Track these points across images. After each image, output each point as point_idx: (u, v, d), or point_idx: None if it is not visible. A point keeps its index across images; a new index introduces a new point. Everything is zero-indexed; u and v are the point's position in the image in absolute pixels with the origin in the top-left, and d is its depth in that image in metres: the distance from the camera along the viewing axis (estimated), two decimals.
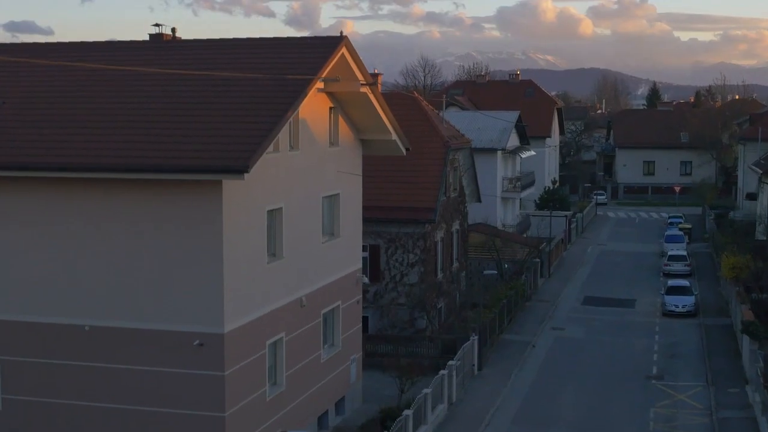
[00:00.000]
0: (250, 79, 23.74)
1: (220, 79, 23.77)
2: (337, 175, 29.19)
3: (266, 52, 26.03)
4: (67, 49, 28.03)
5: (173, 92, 23.61)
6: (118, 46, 27.82)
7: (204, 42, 27.40)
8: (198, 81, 23.91)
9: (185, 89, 23.59)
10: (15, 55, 27.66)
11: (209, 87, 23.34)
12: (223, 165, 20.76)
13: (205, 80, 23.91)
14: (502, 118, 57.06)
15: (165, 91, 23.71)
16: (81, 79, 25.51)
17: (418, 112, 43.68)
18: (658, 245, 69.85)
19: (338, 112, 29.03)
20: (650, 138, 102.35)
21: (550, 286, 53.74)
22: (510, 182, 58.09)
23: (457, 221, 45.70)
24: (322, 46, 25.93)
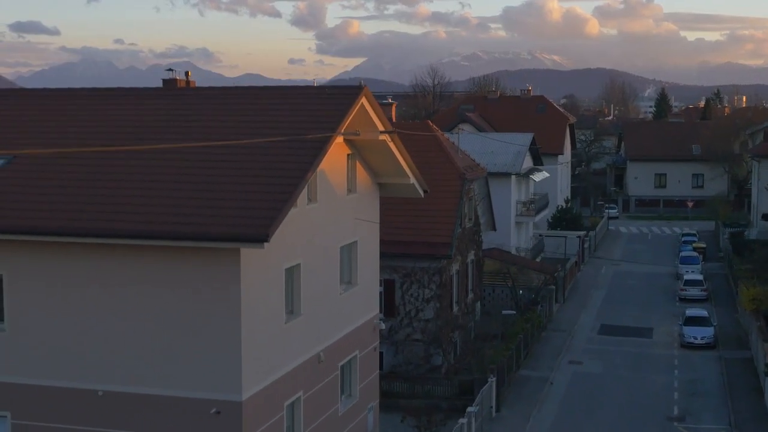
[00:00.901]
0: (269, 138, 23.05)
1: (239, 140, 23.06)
2: (354, 222, 28.54)
3: (285, 103, 25.34)
4: (84, 97, 27.35)
5: (189, 153, 22.87)
6: (133, 94, 27.13)
7: (220, 90, 26.73)
8: (215, 140, 23.22)
9: (202, 151, 22.86)
10: (27, 101, 27.10)
11: (227, 148, 22.62)
12: (242, 233, 20.11)
13: (222, 138, 23.22)
14: (516, 141, 56.38)
15: (182, 155, 22.96)
16: (95, 133, 24.87)
17: (433, 142, 43.00)
18: (672, 265, 69.19)
19: (356, 158, 28.37)
20: (662, 150, 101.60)
21: (566, 313, 53.01)
22: (524, 206, 57.41)
23: (472, 251, 45.02)
24: (341, 96, 25.27)
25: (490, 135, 59.08)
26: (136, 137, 24.49)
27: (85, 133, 25.28)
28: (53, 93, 28.00)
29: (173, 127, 24.76)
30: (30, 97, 27.90)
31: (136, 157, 23.02)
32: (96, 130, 25.44)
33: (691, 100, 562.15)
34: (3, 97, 27.98)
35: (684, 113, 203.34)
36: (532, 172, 59.33)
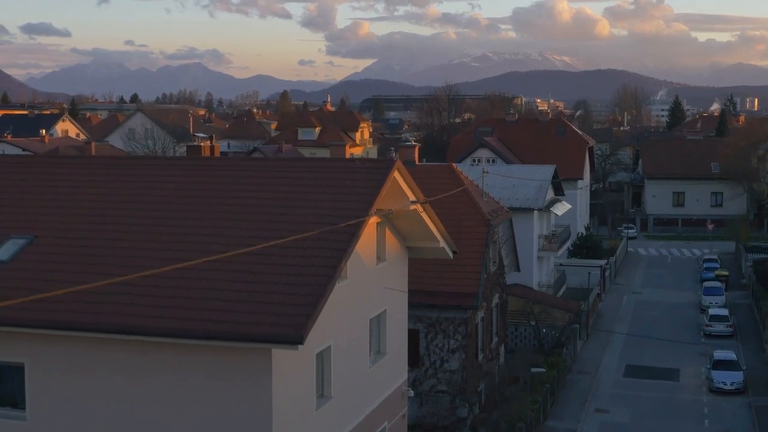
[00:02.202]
0: (299, 223, 22.25)
1: (268, 223, 22.25)
2: (383, 291, 27.74)
3: (317, 177, 24.51)
4: (102, 166, 26.61)
5: (220, 244, 22.06)
6: (155, 164, 26.37)
7: (247, 163, 25.94)
8: (243, 229, 22.41)
9: (228, 241, 22.05)
10: (49, 167, 26.38)
11: (255, 243, 21.79)
12: (275, 335, 19.32)
13: (250, 225, 22.43)
14: (538, 175, 55.48)
15: (212, 244, 22.15)
16: (117, 212, 24.10)
17: (456, 186, 42.09)
18: (694, 293, 68.28)
19: (385, 225, 27.57)
20: (680, 168, 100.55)
21: (590, 351, 52.08)
22: (546, 240, 56.51)
23: (496, 294, 44.16)
24: (373, 170, 24.47)
25: (512, 169, 58.13)
26: (166, 215, 23.71)
27: (111, 206, 24.50)
28: (74, 161, 27.28)
29: (203, 204, 23.96)
30: (50, 163, 27.16)
31: (166, 247, 22.22)
32: (122, 201, 24.67)
33: (703, 102, 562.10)
34: (26, 164, 27.24)
35: (698, 122, 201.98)
36: (554, 203, 58.44)
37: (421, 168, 43.10)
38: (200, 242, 22.46)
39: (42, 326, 20.82)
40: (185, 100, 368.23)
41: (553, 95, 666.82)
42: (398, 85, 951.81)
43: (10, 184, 26.18)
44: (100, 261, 22.36)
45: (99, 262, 22.34)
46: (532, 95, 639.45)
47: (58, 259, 22.63)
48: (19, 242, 23.21)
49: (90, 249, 22.83)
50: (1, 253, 22.84)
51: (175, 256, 21.98)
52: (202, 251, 21.96)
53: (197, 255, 21.81)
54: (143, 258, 22.15)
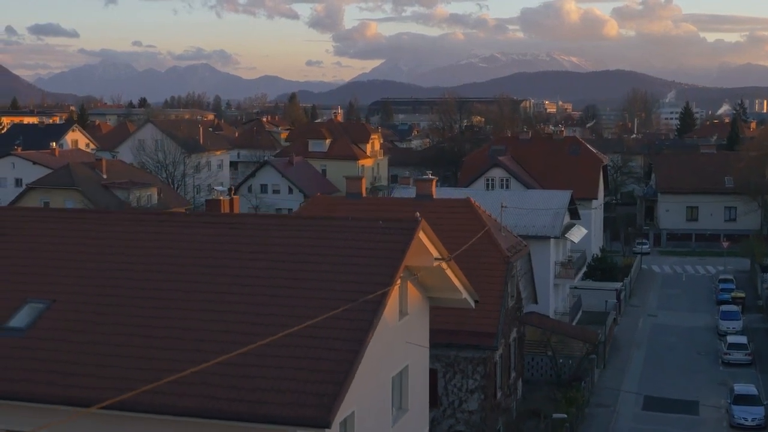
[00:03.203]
0: (322, 290, 21.74)
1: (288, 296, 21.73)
2: (405, 345, 27.20)
3: (338, 239, 23.99)
4: (119, 221, 26.08)
5: (235, 318, 21.55)
6: (173, 220, 25.85)
7: (266, 221, 25.42)
8: (262, 296, 21.88)
9: (248, 309, 21.53)
10: (67, 223, 25.89)
11: (277, 312, 21.29)
12: (301, 417, 18.81)
13: (270, 292, 21.91)
14: (554, 202, 54.86)
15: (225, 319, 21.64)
16: (135, 274, 23.59)
17: (475, 222, 41.56)
18: (710, 315, 67.71)
19: (407, 279, 27.02)
20: (693, 183, 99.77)
21: (607, 381, 51.43)
22: (563, 267, 55.93)
23: (514, 329, 43.61)
24: (397, 231, 23.92)
25: (528, 195, 57.52)
26: (185, 278, 23.21)
27: (129, 267, 24.01)
28: (89, 215, 26.80)
29: (223, 267, 23.46)
30: (64, 218, 26.66)
31: (186, 316, 21.72)
32: (140, 262, 24.18)
33: (712, 104, 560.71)
34: (39, 217, 26.76)
35: (709, 129, 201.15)
36: (570, 228, 57.81)
37: (438, 203, 42.61)
38: (220, 311, 21.92)
39: (55, 402, 20.29)
40: (194, 103, 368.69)
41: (561, 96, 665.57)
42: (406, 86, 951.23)
43: (24, 239, 25.72)
44: (118, 331, 21.87)
45: (118, 332, 21.85)
46: (540, 96, 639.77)
47: (77, 327, 22.15)
48: (37, 307, 22.74)
49: (108, 316, 22.35)
50: (19, 321, 22.37)
51: (196, 326, 21.51)
52: (222, 323, 21.46)
53: (217, 326, 21.34)
54: (163, 329, 21.68)
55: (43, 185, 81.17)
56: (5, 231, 26.06)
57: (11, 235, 25.94)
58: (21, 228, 26.26)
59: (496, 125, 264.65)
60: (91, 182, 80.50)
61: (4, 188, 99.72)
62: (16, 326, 22.28)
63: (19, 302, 23.11)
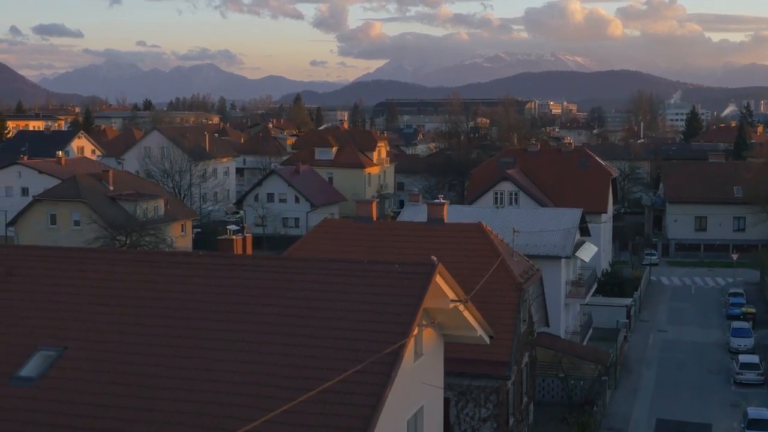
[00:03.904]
0: (337, 338, 21.36)
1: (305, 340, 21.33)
2: (421, 386, 26.80)
3: (352, 284, 23.59)
4: (130, 262, 25.70)
5: (251, 370, 21.17)
6: (186, 262, 25.45)
7: (280, 264, 25.01)
8: (276, 344, 21.50)
9: (263, 359, 21.14)
10: (72, 263, 25.51)
11: (293, 362, 20.90)
12: None
13: (284, 340, 21.52)
14: (564, 222, 54.33)
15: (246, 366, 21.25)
16: (148, 319, 23.22)
17: (487, 247, 41.17)
18: (720, 330, 67.27)
19: (423, 328, 26.61)
20: (702, 192, 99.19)
21: (619, 403, 50.95)
22: (574, 286, 55.47)
23: (526, 354, 43.20)
24: (413, 276, 23.52)
25: (538, 214, 57.01)
26: (196, 324, 22.84)
27: (141, 311, 23.65)
28: (100, 255, 26.40)
29: (236, 314, 23.09)
30: (75, 258, 26.24)
31: (199, 366, 21.32)
32: (152, 306, 23.82)
33: (717, 104, 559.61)
34: (48, 257, 26.34)
35: (714, 132, 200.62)
36: (580, 246, 57.29)
37: (450, 227, 42.22)
38: (234, 360, 21.55)
39: None
40: (198, 105, 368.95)
41: (566, 96, 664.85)
42: (410, 86, 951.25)
43: (34, 280, 25.37)
44: (130, 381, 21.49)
45: (129, 382, 21.48)
46: (545, 96, 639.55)
47: (89, 377, 21.79)
48: (49, 355, 22.37)
49: (121, 365, 21.98)
50: (30, 370, 22.00)
51: (210, 377, 21.12)
52: (238, 374, 21.07)
53: (233, 378, 20.95)
54: (176, 380, 21.32)
55: (50, 197, 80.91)
56: (15, 271, 25.70)
57: (21, 275, 25.58)
58: (30, 267, 25.90)
59: (501, 127, 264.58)
60: (97, 194, 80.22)
61: (10, 197, 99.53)
62: (27, 375, 21.93)
63: (29, 349, 22.77)
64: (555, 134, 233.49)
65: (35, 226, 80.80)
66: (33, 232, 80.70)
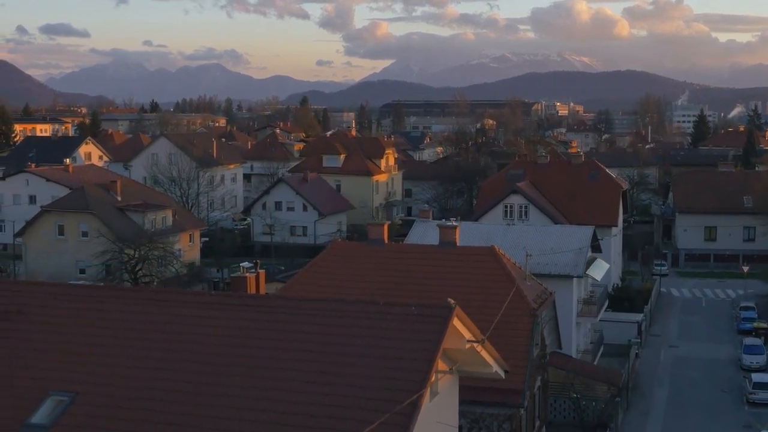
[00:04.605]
0: (351, 386, 21.03)
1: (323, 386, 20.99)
2: (436, 426, 26.42)
3: (367, 327, 23.24)
4: (142, 301, 25.33)
5: (266, 419, 20.84)
6: (198, 302, 25.06)
7: (294, 304, 24.63)
8: (289, 392, 21.15)
9: (275, 407, 20.81)
10: (85, 302, 25.19)
11: (308, 411, 20.55)
12: None
13: (297, 387, 21.18)
14: (576, 240, 53.85)
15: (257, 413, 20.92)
16: (160, 362, 22.89)
17: (499, 272, 40.76)
18: (732, 345, 66.81)
19: (440, 376, 26.23)
20: (712, 202, 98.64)
21: (632, 424, 50.47)
22: (585, 304, 55.03)
23: (539, 377, 42.81)
24: (430, 320, 23.14)
25: (550, 232, 56.54)
26: (208, 369, 22.50)
27: (153, 354, 23.30)
28: (111, 294, 26.04)
29: (250, 358, 22.75)
30: (91, 297, 25.89)
31: (212, 414, 20.98)
32: (165, 349, 23.47)
33: (724, 105, 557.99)
34: (59, 295, 25.98)
35: (722, 137, 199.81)
36: (591, 263, 56.85)
37: (462, 251, 41.83)
38: (246, 408, 21.21)
39: None
40: (205, 107, 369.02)
41: (573, 97, 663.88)
42: (416, 86, 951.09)
43: (44, 319, 25.05)
44: (146, 429, 21.15)
45: (145, 429, 21.13)
46: (552, 96, 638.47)
47: (102, 425, 21.45)
48: (61, 401, 22.03)
49: (135, 411, 21.64)
50: (42, 417, 21.67)
51: (217, 426, 20.82)
52: (252, 423, 20.73)
53: (243, 427, 20.63)
54: (188, 427, 21.02)
55: (58, 208, 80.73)
56: (25, 309, 25.38)
57: (31, 314, 25.25)
58: (41, 305, 25.56)
59: (507, 129, 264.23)
60: (105, 205, 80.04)
61: (18, 205, 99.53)
62: (39, 423, 21.60)
63: (41, 394, 22.44)
64: (562, 138, 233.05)
65: (43, 236, 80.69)
66: (41, 242, 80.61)
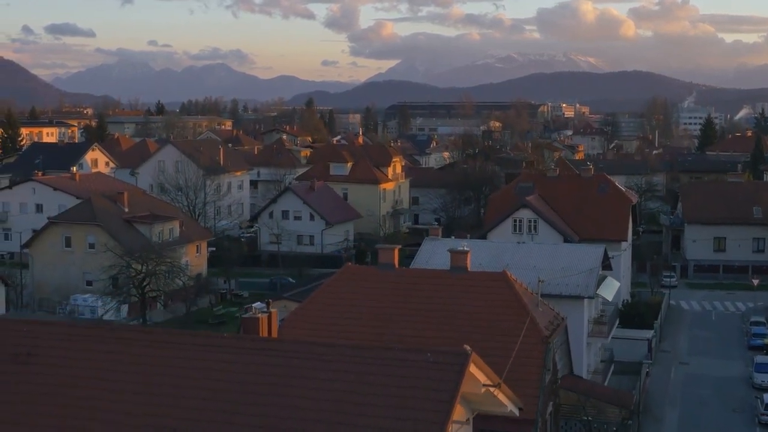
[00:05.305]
0: None
1: None
2: None
3: (381, 375, 22.85)
4: (149, 343, 24.93)
5: None
6: (208, 344, 24.66)
7: (306, 349, 24.23)
8: None
9: None
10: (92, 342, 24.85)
11: None
12: None
13: None
14: (587, 260, 53.42)
15: None
16: (173, 412, 22.53)
17: (511, 298, 40.31)
18: (743, 362, 66.39)
19: None
20: (721, 213, 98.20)
21: None
22: (596, 324, 54.62)
23: (551, 404, 42.42)
24: (445, 367, 22.74)
25: (560, 251, 56.12)
26: (218, 418, 22.15)
27: (167, 403, 22.94)
28: (127, 334, 25.65)
29: (261, 406, 22.38)
30: (101, 338, 25.45)
31: None
32: (175, 395, 23.11)
33: (730, 106, 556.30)
34: (76, 338, 25.59)
35: (730, 141, 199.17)
36: (602, 282, 56.40)
37: (473, 276, 41.41)
38: None
39: None
40: (210, 108, 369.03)
41: (579, 97, 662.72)
42: (422, 87, 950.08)
43: (56, 361, 24.67)
44: None
45: None
46: (558, 97, 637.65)
47: None
48: None
49: None
50: None
51: None
52: None
53: None
54: None
55: (65, 220, 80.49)
56: (35, 350, 25.02)
57: (42, 355, 24.88)
58: (51, 347, 25.19)
59: (513, 130, 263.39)
60: (112, 217, 79.80)
61: (24, 214, 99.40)
62: None
63: None
64: (569, 142, 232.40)
65: (50, 248, 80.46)
66: (48, 254, 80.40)
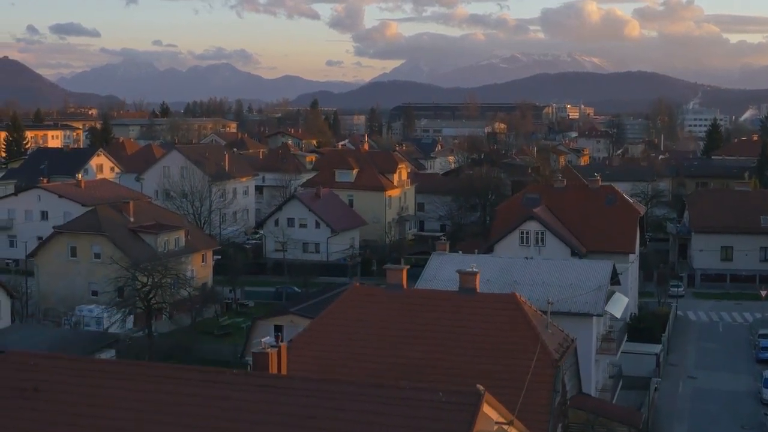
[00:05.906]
0: None
1: None
2: None
3: (392, 415, 22.55)
4: (157, 379, 24.66)
5: None
6: (218, 380, 24.36)
7: (316, 387, 23.92)
8: None
9: None
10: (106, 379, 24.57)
11: None
12: None
13: None
14: (595, 277, 53.04)
15: None
16: None
17: (521, 320, 39.96)
18: (751, 376, 66.03)
19: None
20: (728, 221, 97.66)
21: None
22: (604, 341, 54.24)
23: (560, 425, 42.08)
24: (458, 408, 22.41)
25: (569, 267, 55.70)
26: None
27: None
28: (126, 370, 25.37)
29: None
30: (107, 373, 25.21)
31: None
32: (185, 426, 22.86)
33: (734, 107, 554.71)
34: (82, 372, 25.32)
35: (737, 145, 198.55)
36: (610, 297, 56.03)
37: (482, 298, 41.06)
38: None
39: None
40: (215, 109, 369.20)
41: (583, 98, 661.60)
42: (426, 87, 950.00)
43: (61, 397, 24.41)
44: None
45: None
46: (562, 97, 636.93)
47: None
48: None
49: None
50: None
51: None
52: None
53: None
54: None
55: (70, 230, 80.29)
56: (42, 385, 24.75)
57: (48, 390, 24.61)
58: (58, 382, 24.92)
59: (518, 133, 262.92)
60: (118, 226, 79.58)
61: (30, 221, 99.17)
62: None
63: None
64: (574, 145, 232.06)
65: (55, 258, 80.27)
66: (53, 264, 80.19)
